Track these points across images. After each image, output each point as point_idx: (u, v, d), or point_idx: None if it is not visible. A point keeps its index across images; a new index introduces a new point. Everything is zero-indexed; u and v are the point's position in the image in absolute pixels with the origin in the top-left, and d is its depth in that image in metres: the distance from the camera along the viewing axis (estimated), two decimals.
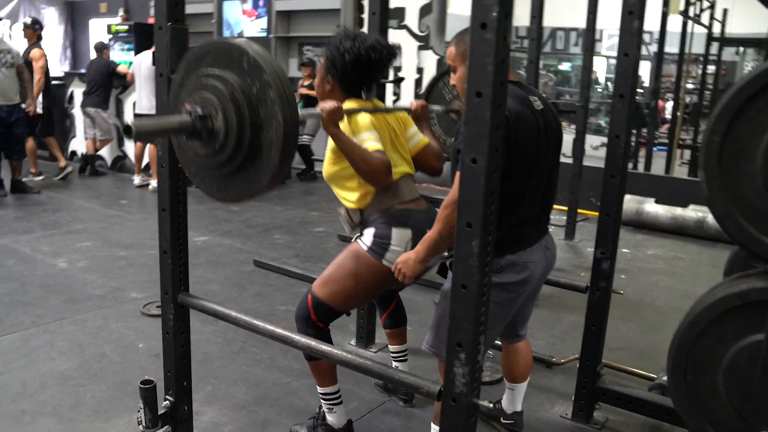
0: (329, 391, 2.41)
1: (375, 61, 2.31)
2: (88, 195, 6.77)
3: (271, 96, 1.54)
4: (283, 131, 1.54)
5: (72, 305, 3.71)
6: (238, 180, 1.69)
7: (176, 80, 1.77)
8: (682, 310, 4.22)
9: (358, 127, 2.22)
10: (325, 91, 2.38)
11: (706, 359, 1.38)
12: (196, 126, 1.62)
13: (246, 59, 1.57)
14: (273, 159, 1.58)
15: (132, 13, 10.91)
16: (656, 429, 2.68)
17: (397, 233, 2.22)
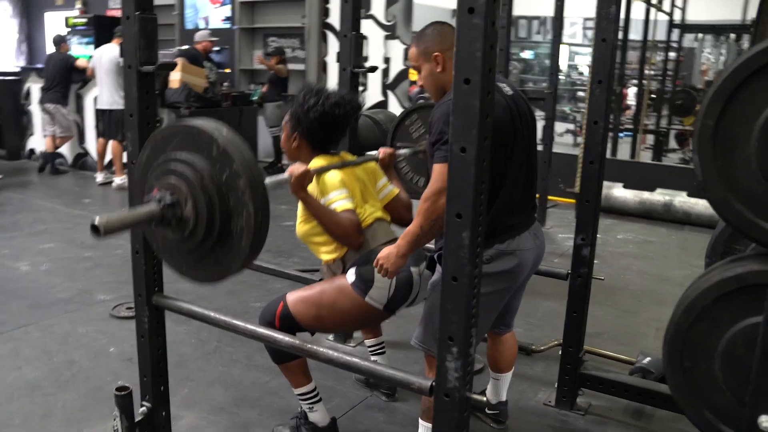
0: (305, 390, 2.35)
1: (340, 117, 2.32)
2: (49, 194, 6.56)
3: (242, 185, 1.51)
4: (254, 221, 1.52)
5: (37, 310, 3.57)
6: (208, 263, 1.66)
7: (142, 157, 1.72)
8: (655, 293, 4.27)
9: (326, 187, 2.22)
10: (293, 147, 2.38)
11: (702, 345, 1.37)
12: (165, 215, 1.57)
13: (215, 146, 1.54)
14: (243, 247, 1.55)
15: (90, 5, 10.59)
16: (639, 412, 2.69)
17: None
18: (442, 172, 1.88)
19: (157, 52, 1.99)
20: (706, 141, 1.28)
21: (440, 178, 1.88)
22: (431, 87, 2.11)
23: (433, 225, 1.94)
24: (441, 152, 1.87)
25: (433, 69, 2.06)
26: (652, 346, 3.35)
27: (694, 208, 5.91)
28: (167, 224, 1.59)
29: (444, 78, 2.06)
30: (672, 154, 10.07)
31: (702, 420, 1.40)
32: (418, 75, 2.14)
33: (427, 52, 2.06)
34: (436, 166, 1.91)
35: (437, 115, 1.91)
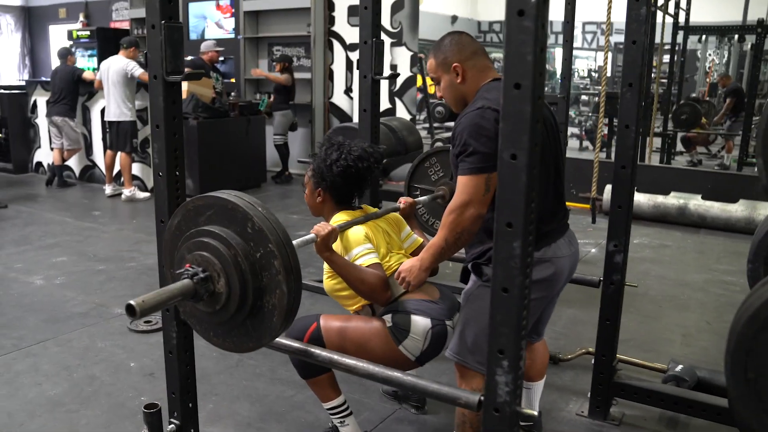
0: (335, 404, 2.30)
1: (363, 170, 2.32)
2: (58, 207, 6.52)
3: (277, 266, 1.51)
4: (287, 301, 1.53)
5: (54, 325, 3.52)
6: (237, 334, 1.66)
7: (172, 224, 1.71)
8: (677, 298, 4.22)
9: (350, 243, 2.20)
10: (317, 203, 2.38)
11: (767, 355, 1.31)
12: (198, 291, 1.57)
13: (251, 224, 1.53)
14: (275, 324, 1.56)
15: (93, 18, 10.59)
16: (674, 421, 2.63)
17: (417, 322, 2.13)
18: (467, 184, 1.85)
19: (183, 62, 1.96)
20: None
21: (466, 190, 1.86)
22: (451, 98, 2.08)
23: (458, 238, 1.92)
24: (466, 164, 1.85)
25: (453, 80, 2.03)
26: (679, 353, 3.30)
27: (710, 211, 5.86)
28: (200, 299, 1.59)
29: (464, 89, 2.03)
30: (679, 156, 10.04)
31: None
32: (437, 87, 2.11)
33: (446, 63, 2.03)
34: (461, 178, 1.88)
35: (461, 126, 1.88)
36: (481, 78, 2.01)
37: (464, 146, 1.85)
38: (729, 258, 5.07)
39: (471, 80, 2.01)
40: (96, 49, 9.25)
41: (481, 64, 2.02)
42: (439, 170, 3.02)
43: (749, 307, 1.34)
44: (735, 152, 9.06)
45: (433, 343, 2.14)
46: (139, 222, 5.97)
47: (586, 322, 3.58)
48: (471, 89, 2.02)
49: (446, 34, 2.10)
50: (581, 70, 15.57)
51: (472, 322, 1.98)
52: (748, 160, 8.29)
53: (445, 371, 3.03)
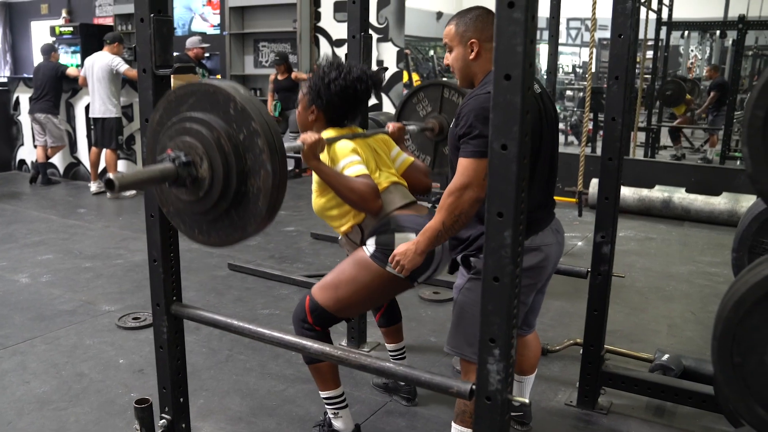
0: (333, 395, 2.31)
1: (362, 92, 2.29)
2: (43, 205, 6.46)
3: (260, 145, 1.48)
4: (272, 181, 1.49)
5: (41, 323, 3.50)
6: (222, 226, 1.63)
7: (154, 119, 1.68)
8: (662, 289, 4.26)
9: (338, 154, 2.18)
10: (309, 120, 2.35)
11: (753, 339, 1.34)
12: (180, 174, 1.54)
13: (233, 105, 1.51)
14: (260, 208, 1.53)
15: (75, 14, 10.48)
16: (661, 410, 2.67)
17: (401, 238, 2.14)
18: (468, 167, 1.83)
19: (173, 55, 1.95)
20: (755, 132, 1.25)
21: (466, 173, 1.84)
22: (459, 71, 2.03)
23: (456, 221, 1.89)
24: (470, 147, 1.82)
25: (467, 54, 1.98)
26: (665, 343, 3.34)
27: (693, 204, 5.93)
28: (182, 184, 1.56)
29: (474, 67, 1.99)
30: (663, 151, 10.14)
31: (754, 417, 1.37)
32: (448, 54, 2.06)
33: (465, 36, 1.98)
34: (462, 160, 1.85)
35: (468, 108, 1.85)
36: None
37: (470, 128, 1.83)
38: (712, 250, 5.14)
39: (483, 61, 1.97)
40: (79, 46, 9.17)
41: None
42: (427, 105, 2.97)
43: (735, 293, 1.36)
44: (718, 146, 9.16)
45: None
46: (125, 219, 5.93)
47: (573, 314, 3.61)
48: (481, 69, 1.99)
49: (475, 7, 2.04)
50: (566, 66, 15.65)
51: (466, 315, 1.99)
52: (731, 154, 8.39)
53: (435, 363, 3.06)
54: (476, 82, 2.00)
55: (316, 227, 5.47)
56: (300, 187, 7.34)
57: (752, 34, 11.08)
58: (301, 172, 8.06)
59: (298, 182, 7.66)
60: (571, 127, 11.31)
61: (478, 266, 1.95)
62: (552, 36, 5.47)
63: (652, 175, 6.43)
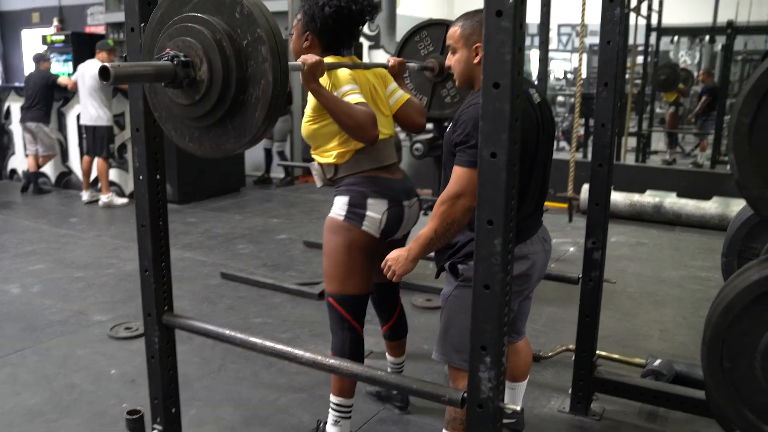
0: (345, 403, 2.33)
1: (356, 13, 2.25)
2: (34, 214, 6.43)
3: (263, 53, 1.43)
4: (271, 91, 1.45)
5: (32, 333, 3.48)
6: (215, 134, 1.58)
7: (154, 17, 1.62)
8: (654, 294, 4.27)
9: (339, 80, 2.15)
10: (303, 47, 2.31)
11: (742, 344, 1.35)
12: (178, 73, 1.48)
13: (239, 8, 1.45)
14: (257, 118, 1.48)
15: (67, 22, 10.47)
16: (653, 415, 2.67)
17: (373, 203, 2.21)
18: (462, 176, 1.83)
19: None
20: (742, 138, 1.27)
21: (460, 182, 1.84)
22: (460, 73, 2.01)
23: (449, 228, 1.89)
24: (465, 155, 1.82)
25: (470, 57, 1.97)
26: (657, 348, 3.35)
27: (684, 208, 5.96)
28: (178, 85, 1.51)
29: (477, 71, 1.96)
30: (654, 156, 10.20)
31: (744, 421, 1.38)
32: (451, 55, 2.04)
33: (470, 40, 1.96)
34: (457, 168, 1.85)
35: (467, 115, 1.84)
36: None
37: (467, 137, 1.82)
38: (704, 254, 5.16)
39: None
40: (71, 54, 9.15)
41: None
42: (429, 44, 2.92)
43: (724, 299, 1.38)
44: (709, 151, 9.22)
45: (390, 221, 2.24)
46: (117, 228, 5.91)
47: (565, 320, 3.62)
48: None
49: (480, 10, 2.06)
50: (557, 72, 15.73)
51: (454, 322, 1.99)
52: (721, 159, 8.44)
53: (428, 371, 3.06)
54: (476, 86, 1.98)
55: (308, 235, 5.46)
56: (293, 195, 7.34)
57: (741, 39, 11.17)
58: (293, 179, 8.07)
59: (290, 190, 7.66)
60: (563, 132, 11.37)
61: (466, 273, 1.95)
62: (542, 42, 5.49)
63: (643, 180, 6.47)
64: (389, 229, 2.26)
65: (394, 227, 2.27)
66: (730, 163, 1.31)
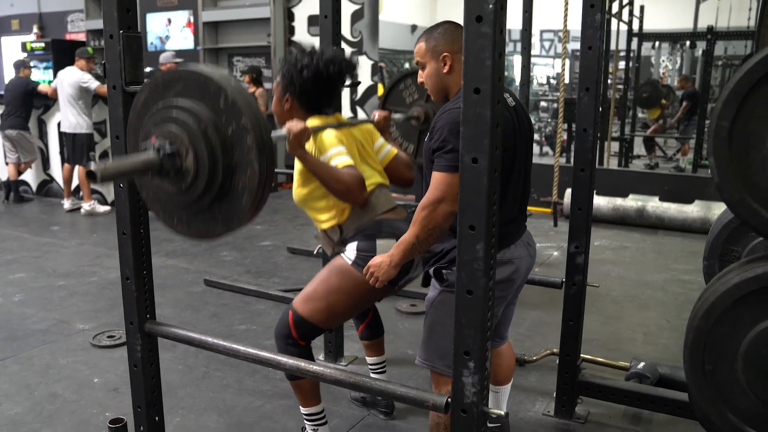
0: (314, 411, 2.30)
1: (334, 75, 2.26)
2: (15, 223, 6.36)
3: (249, 142, 1.44)
4: (258, 180, 1.46)
5: (13, 343, 3.43)
6: (203, 219, 1.58)
7: (138, 99, 1.63)
8: (637, 298, 4.30)
9: (324, 144, 2.15)
10: (284, 110, 2.31)
11: (723, 347, 1.36)
12: (164, 164, 1.50)
13: (224, 97, 1.46)
14: (244, 205, 1.49)
15: (47, 29, 10.38)
16: (637, 418, 2.69)
17: (382, 244, 2.15)
18: (442, 181, 1.84)
19: (143, 72, 1.94)
20: (721, 142, 1.28)
21: (440, 187, 1.85)
22: (433, 86, 2.04)
23: (430, 234, 1.90)
24: (443, 161, 1.83)
25: (440, 69, 1.99)
26: (641, 351, 3.37)
27: (667, 212, 6.01)
28: (165, 175, 1.51)
29: (448, 80, 2.00)
30: (637, 160, 10.28)
31: (726, 423, 1.39)
32: (421, 71, 2.06)
33: (436, 51, 1.98)
34: (436, 174, 1.86)
35: (443, 121, 1.85)
36: None
37: (444, 142, 1.83)
38: (686, 257, 5.20)
39: (457, 73, 1.97)
40: (51, 61, 9.08)
41: None
42: (414, 92, 2.94)
43: (705, 302, 1.39)
44: (690, 155, 9.31)
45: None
46: (99, 236, 5.86)
47: (550, 324, 3.63)
48: (455, 83, 1.99)
49: (443, 22, 2.06)
50: (540, 77, 15.83)
51: (438, 327, 1.99)
52: (703, 162, 8.53)
53: (412, 376, 3.05)
54: (450, 95, 2.00)
55: (292, 242, 5.45)
56: (276, 201, 7.30)
57: (721, 44, 11.31)
58: (276, 186, 8.04)
59: (274, 196, 7.60)
60: (546, 138, 11.43)
61: (450, 279, 1.95)
62: (525, 48, 5.53)
63: (626, 185, 6.52)
64: (400, 271, 2.13)
65: (405, 267, 2.12)
66: (710, 167, 1.32)
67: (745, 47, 11.56)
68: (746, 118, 1.25)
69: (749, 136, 1.26)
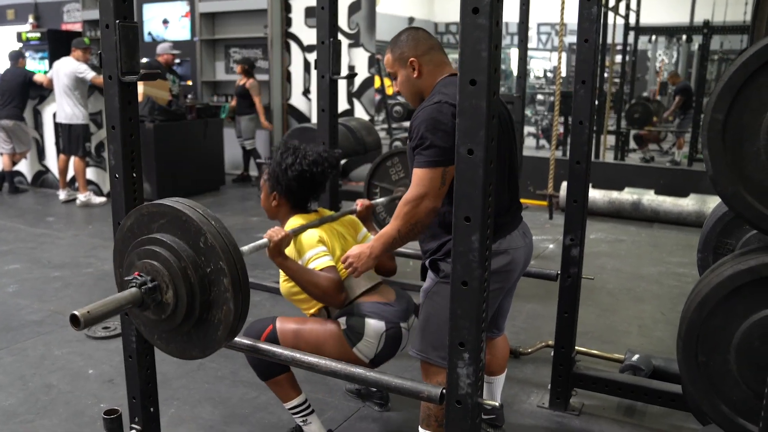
0: (297, 403, 2.31)
1: (318, 174, 2.33)
2: (10, 214, 6.34)
3: (225, 284, 1.53)
4: (233, 318, 1.55)
5: (7, 334, 3.43)
6: (181, 341, 1.66)
7: (125, 225, 1.69)
8: (632, 291, 4.32)
9: (303, 247, 2.22)
10: (272, 206, 2.40)
11: (716, 339, 1.37)
12: (145, 300, 1.57)
13: (203, 240, 1.54)
14: (220, 337, 1.58)
15: (43, 19, 10.32)
16: (631, 410, 2.70)
17: (371, 325, 2.17)
18: (423, 177, 1.88)
19: (139, 62, 1.93)
20: (715, 135, 1.28)
21: (422, 183, 1.88)
22: (408, 92, 2.11)
23: (412, 229, 1.94)
24: (422, 157, 1.87)
25: (410, 75, 2.06)
26: (635, 343, 3.39)
27: (662, 205, 6.03)
28: (146, 308, 1.59)
29: (421, 83, 2.06)
30: (633, 154, 10.30)
31: (719, 414, 1.40)
32: (393, 82, 2.14)
33: (403, 58, 2.06)
34: (417, 170, 1.90)
35: (418, 120, 1.90)
36: (437, 73, 2.04)
37: (421, 139, 1.87)
38: (681, 251, 5.22)
39: (427, 75, 2.04)
40: (47, 52, 9.02)
41: (437, 59, 2.05)
42: (400, 171, 3.04)
43: (698, 294, 1.39)
44: (686, 149, 9.33)
45: (387, 345, 2.19)
46: (95, 227, 5.85)
47: (545, 316, 3.65)
48: (427, 84, 2.04)
49: (403, 30, 2.13)
50: (537, 70, 15.83)
51: (433, 319, 2.00)
52: (698, 156, 8.55)
53: (407, 368, 3.06)
54: (426, 97, 2.04)
55: None
56: None
57: (717, 38, 11.32)
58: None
59: None
60: (543, 131, 11.43)
61: (446, 269, 1.96)
62: (522, 41, 5.52)
63: (621, 178, 6.53)
64: (385, 352, 2.20)
65: (392, 349, 2.21)
66: (704, 160, 1.32)
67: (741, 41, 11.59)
68: (740, 111, 1.25)
69: (743, 128, 1.26)
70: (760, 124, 1.25)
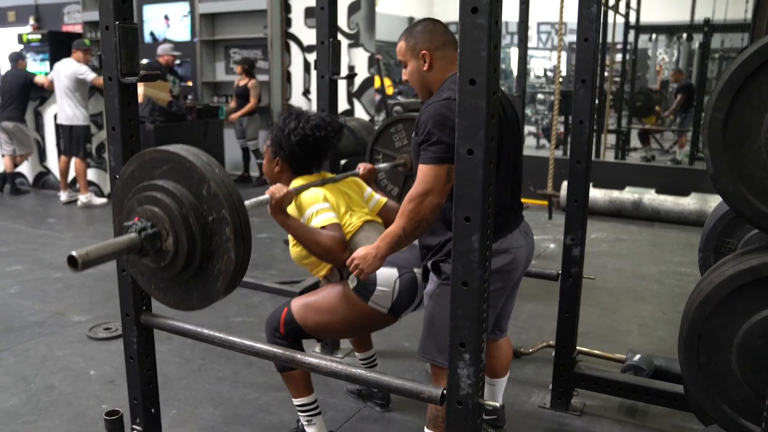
0: (306, 402, 2.31)
1: (321, 138, 2.32)
2: (11, 215, 6.34)
3: (227, 232, 1.49)
4: (233, 268, 1.51)
5: (9, 335, 3.43)
6: (179, 291, 1.64)
7: (125, 172, 1.66)
8: (633, 290, 4.31)
9: (303, 204, 2.21)
10: (275, 172, 2.38)
11: (718, 339, 1.36)
12: (144, 246, 1.54)
13: (206, 187, 1.50)
14: (219, 288, 1.55)
15: (44, 21, 10.32)
16: (633, 410, 2.70)
17: (382, 273, 2.15)
18: (428, 173, 1.86)
19: (139, 63, 1.93)
20: (716, 134, 1.28)
21: (427, 179, 1.86)
22: (416, 84, 2.09)
23: (417, 227, 1.92)
24: (429, 153, 1.85)
25: (420, 66, 2.04)
26: (636, 343, 3.38)
27: (663, 205, 6.02)
28: (145, 254, 1.57)
29: (430, 77, 2.04)
30: (634, 153, 10.29)
31: (721, 414, 1.39)
32: (404, 69, 2.11)
33: (416, 49, 2.03)
34: (422, 167, 1.88)
35: (426, 115, 1.88)
36: (448, 69, 2.02)
37: (428, 135, 1.85)
38: (682, 250, 5.22)
39: (438, 70, 2.02)
40: (48, 53, 9.03)
41: (450, 55, 2.03)
42: (403, 137, 2.99)
43: (700, 294, 1.39)
44: (687, 148, 9.31)
45: (403, 291, 2.16)
46: (96, 228, 5.85)
47: (546, 316, 3.64)
48: (437, 79, 2.03)
49: (421, 20, 2.10)
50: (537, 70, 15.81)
51: (437, 321, 1.99)
52: (699, 155, 8.53)
53: (408, 368, 3.06)
54: (434, 91, 2.03)
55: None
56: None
57: (718, 37, 11.31)
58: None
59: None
60: (543, 130, 11.42)
61: (448, 271, 1.95)
62: (521, 40, 5.51)
63: (622, 177, 6.52)
64: (404, 300, 2.18)
65: (409, 296, 2.19)
66: (704, 159, 1.32)
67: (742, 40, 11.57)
68: (741, 110, 1.25)
69: (744, 127, 1.26)
70: (760, 123, 1.24)
